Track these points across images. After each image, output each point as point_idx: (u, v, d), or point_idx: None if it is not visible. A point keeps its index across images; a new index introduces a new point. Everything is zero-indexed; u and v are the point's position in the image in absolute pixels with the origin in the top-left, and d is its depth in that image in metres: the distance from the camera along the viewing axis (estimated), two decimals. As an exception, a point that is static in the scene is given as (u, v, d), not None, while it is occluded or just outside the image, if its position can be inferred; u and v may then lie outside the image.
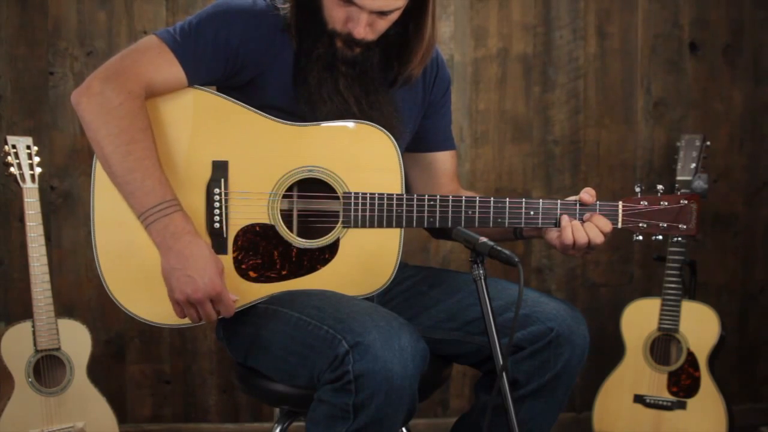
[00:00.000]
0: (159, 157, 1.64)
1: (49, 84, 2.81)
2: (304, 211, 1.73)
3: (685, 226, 1.77)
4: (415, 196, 1.73)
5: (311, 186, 1.73)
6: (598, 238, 1.72)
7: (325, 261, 1.73)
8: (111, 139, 1.61)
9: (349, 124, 1.72)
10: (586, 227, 1.72)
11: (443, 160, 1.97)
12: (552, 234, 1.76)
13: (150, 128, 1.64)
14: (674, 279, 2.67)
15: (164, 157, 1.67)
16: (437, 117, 1.95)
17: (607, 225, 1.73)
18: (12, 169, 2.43)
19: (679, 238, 2.65)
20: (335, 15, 1.68)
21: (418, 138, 1.94)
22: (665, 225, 1.77)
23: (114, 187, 1.67)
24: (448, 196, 1.74)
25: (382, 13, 1.66)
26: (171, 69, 1.66)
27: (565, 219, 1.74)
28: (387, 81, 1.80)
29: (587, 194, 1.75)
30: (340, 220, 1.72)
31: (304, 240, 1.72)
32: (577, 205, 1.75)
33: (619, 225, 1.76)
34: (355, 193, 1.71)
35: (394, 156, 1.73)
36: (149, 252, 1.67)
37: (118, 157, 1.61)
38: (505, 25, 2.97)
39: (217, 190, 1.69)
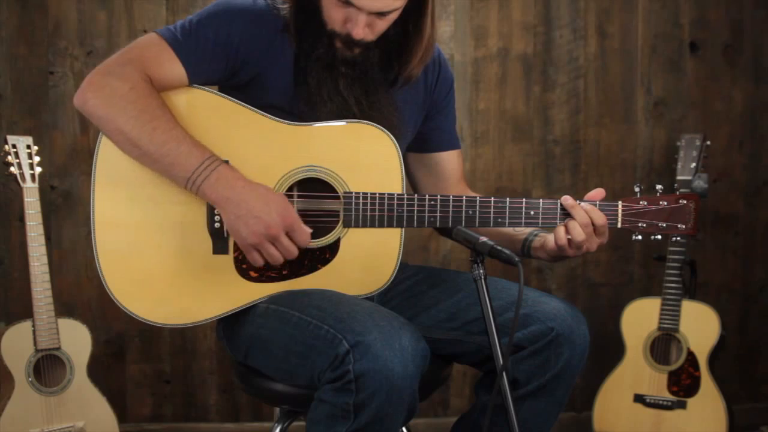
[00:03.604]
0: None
1: (49, 83, 2.81)
2: (304, 210, 1.73)
3: (684, 226, 1.77)
4: (416, 195, 1.72)
5: (311, 186, 1.73)
6: (601, 219, 1.70)
7: (326, 261, 1.73)
8: (133, 123, 1.61)
9: (350, 123, 1.72)
10: (582, 215, 1.70)
11: (449, 159, 1.97)
12: (548, 243, 1.75)
13: (165, 103, 1.64)
14: (674, 278, 2.67)
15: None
16: (441, 117, 1.95)
17: (600, 218, 1.71)
18: (12, 169, 2.43)
19: (679, 238, 2.64)
20: (334, 16, 1.68)
21: (424, 138, 1.94)
22: (664, 225, 1.76)
23: (114, 187, 1.67)
24: (449, 196, 1.73)
25: (381, 14, 1.66)
26: (172, 66, 1.66)
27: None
28: (387, 81, 1.80)
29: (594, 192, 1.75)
30: (341, 219, 1.72)
31: (304, 240, 1.72)
32: (579, 203, 1.74)
33: (619, 225, 1.76)
34: (355, 192, 1.71)
35: (394, 155, 1.73)
36: (149, 252, 1.67)
37: (145, 136, 1.61)
38: (506, 24, 2.97)
39: (217, 190, 1.68)
